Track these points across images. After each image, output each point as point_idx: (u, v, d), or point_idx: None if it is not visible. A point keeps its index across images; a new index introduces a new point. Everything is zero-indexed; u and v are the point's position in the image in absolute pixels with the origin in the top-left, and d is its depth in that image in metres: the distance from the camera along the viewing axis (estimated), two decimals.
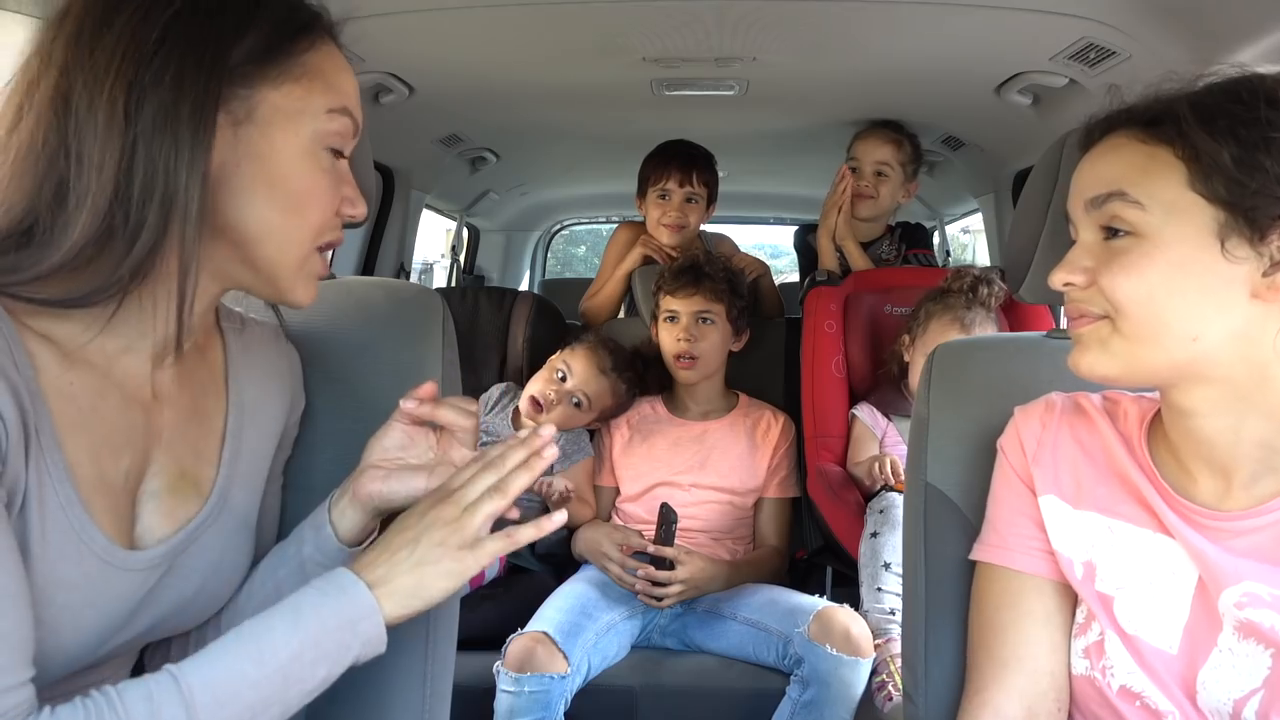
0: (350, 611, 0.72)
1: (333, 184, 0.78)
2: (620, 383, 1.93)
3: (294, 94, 0.73)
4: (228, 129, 0.71)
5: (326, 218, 0.78)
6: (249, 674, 0.68)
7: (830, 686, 1.53)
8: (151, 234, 0.67)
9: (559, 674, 1.51)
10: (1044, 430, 0.92)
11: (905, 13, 1.59)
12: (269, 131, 0.73)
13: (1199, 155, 0.73)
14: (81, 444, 0.70)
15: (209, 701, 0.66)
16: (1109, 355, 0.78)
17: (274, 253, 0.75)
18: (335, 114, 0.76)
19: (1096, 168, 0.80)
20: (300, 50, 0.74)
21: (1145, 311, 0.75)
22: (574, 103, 2.26)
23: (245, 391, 0.86)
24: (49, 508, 0.66)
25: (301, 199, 0.75)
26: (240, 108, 0.71)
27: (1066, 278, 0.80)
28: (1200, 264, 0.73)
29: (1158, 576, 0.83)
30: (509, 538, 0.77)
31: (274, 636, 0.70)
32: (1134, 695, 0.83)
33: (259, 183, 0.73)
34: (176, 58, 0.67)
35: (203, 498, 0.80)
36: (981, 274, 1.88)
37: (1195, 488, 0.82)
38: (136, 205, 0.67)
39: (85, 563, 0.69)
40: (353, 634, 0.72)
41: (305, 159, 0.75)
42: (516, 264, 4.35)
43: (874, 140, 2.25)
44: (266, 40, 0.72)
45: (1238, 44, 1.32)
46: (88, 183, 0.66)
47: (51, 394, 0.68)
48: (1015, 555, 0.91)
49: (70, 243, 0.66)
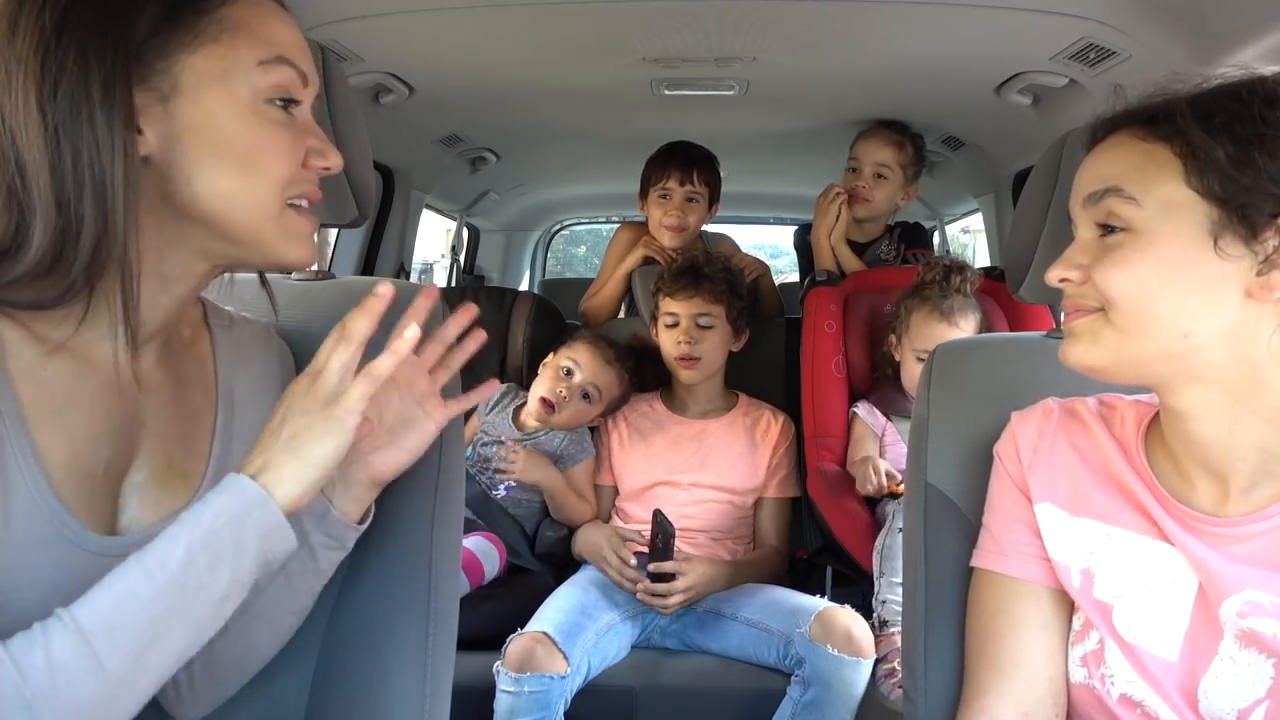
0: (236, 506, 0.69)
1: (291, 136, 0.75)
2: (624, 372, 1.95)
3: (215, 54, 0.71)
4: (157, 106, 0.69)
5: (289, 170, 0.75)
6: (140, 591, 0.65)
7: (831, 687, 1.53)
8: (93, 229, 0.67)
9: (559, 674, 1.51)
10: (1040, 437, 0.92)
11: (905, 13, 1.59)
12: (199, 98, 0.70)
13: (1195, 152, 0.73)
14: (56, 430, 0.69)
15: (101, 627, 0.63)
16: (1099, 346, 0.79)
17: (242, 217, 0.73)
18: (269, 65, 0.73)
19: (1096, 166, 0.81)
20: (212, 7, 0.71)
21: (1136, 305, 0.75)
22: (574, 103, 2.26)
23: (235, 387, 0.86)
24: (15, 492, 0.66)
25: (253, 157, 0.73)
26: (164, 81, 0.69)
27: (1062, 273, 0.81)
28: (1193, 261, 0.73)
29: (1157, 584, 0.83)
30: (369, 375, 0.74)
31: (159, 548, 0.67)
32: (1134, 704, 0.82)
33: (205, 152, 0.71)
34: (77, 42, 0.66)
35: (190, 491, 0.80)
36: (952, 262, 1.88)
37: (1193, 493, 0.82)
38: (74, 202, 0.66)
39: (55, 548, 0.68)
40: (246, 527, 0.69)
41: (247, 116, 0.72)
42: (516, 264, 4.35)
43: (876, 141, 2.24)
44: (168, 3, 0.69)
45: (1238, 44, 1.32)
46: (31, 188, 0.65)
47: (22, 380, 0.68)
48: (1011, 561, 0.91)
49: (31, 251, 0.66)
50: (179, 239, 0.74)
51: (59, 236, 0.66)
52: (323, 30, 1.57)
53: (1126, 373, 0.80)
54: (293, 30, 0.77)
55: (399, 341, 0.76)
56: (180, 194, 0.71)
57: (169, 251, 0.74)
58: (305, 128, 0.78)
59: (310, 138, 0.77)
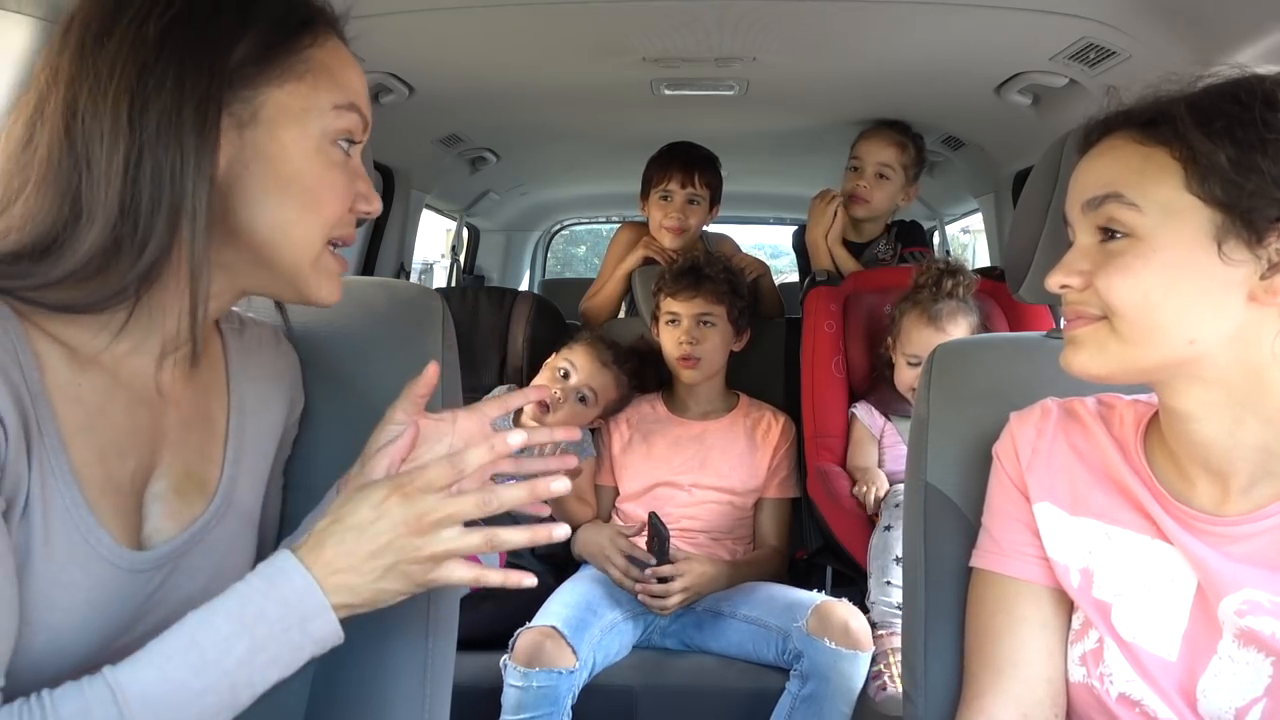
0: (304, 608, 0.69)
1: (346, 179, 0.78)
2: (622, 375, 1.94)
3: (298, 92, 0.73)
4: (233, 131, 0.71)
5: (340, 213, 0.78)
6: (191, 685, 0.65)
7: (830, 680, 1.54)
8: (160, 242, 0.68)
9: (567, 668, 1.51)
10: (1039, 438, 0.92)
11: (905, 13, 1.59)
12: (275, 131, 0.72)
13: (1196, 157, 0.73)
14: (89, 446, 0.70)
15: (148, 717, 0.63)
16: (1104, 355, 0.78)
17: (289, 250, 0.75)
18: (342, 110, 0.76)
19: (1093, 170, 0.80)
20: (302, 47, 0.74)
21: (1140, 314, 0.75)
22: (574, 103, 2.26)
23: (246, 392, 0.87)
24: (54, 511, 0.66)
25: (315, 195, 0.75)
26: (244, 110, 0.71)
27: (1063, 280, 0.80)
28: (1196, 266, 0.73)
29: (1156, 583, 0.83)
30: (489, 540, 0.75)
31: (218, 636, 0.67)
32: (1133, 703, 0.82)
33: (270, 183, 0.73)
34: (176, 63, 0.67)
35: (207, 498, 0.80)
36: (947, 265, 1.88)
37: (1193, 493, 0.82)
38: (145, 214, 0.67)
39: (91, 566, 0.69)
40: (307, 634, 0.69)
41: (315, 156, 0.74)
42: (516, 264, 4.35)
43: (879, 141, 2.24)
44: (266, 38, 0.72)
45: (1238, 44, 1.32)
46: (98, 194, 0.66)
47: (58, 396, 0.68)
48: (1010, 561, 0.91)
49: (80, 253, 0.66)
50: (220, 264, 0.75)
51: (114, 243, 0.67)
52: None
53: (1129, 378, 0.79)
54: (363, 79, 0.80)
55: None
56: (236, 218, 0.73)
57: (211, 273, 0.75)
58: (356, 171, 0.80)
59: (360, 182, 0.80)
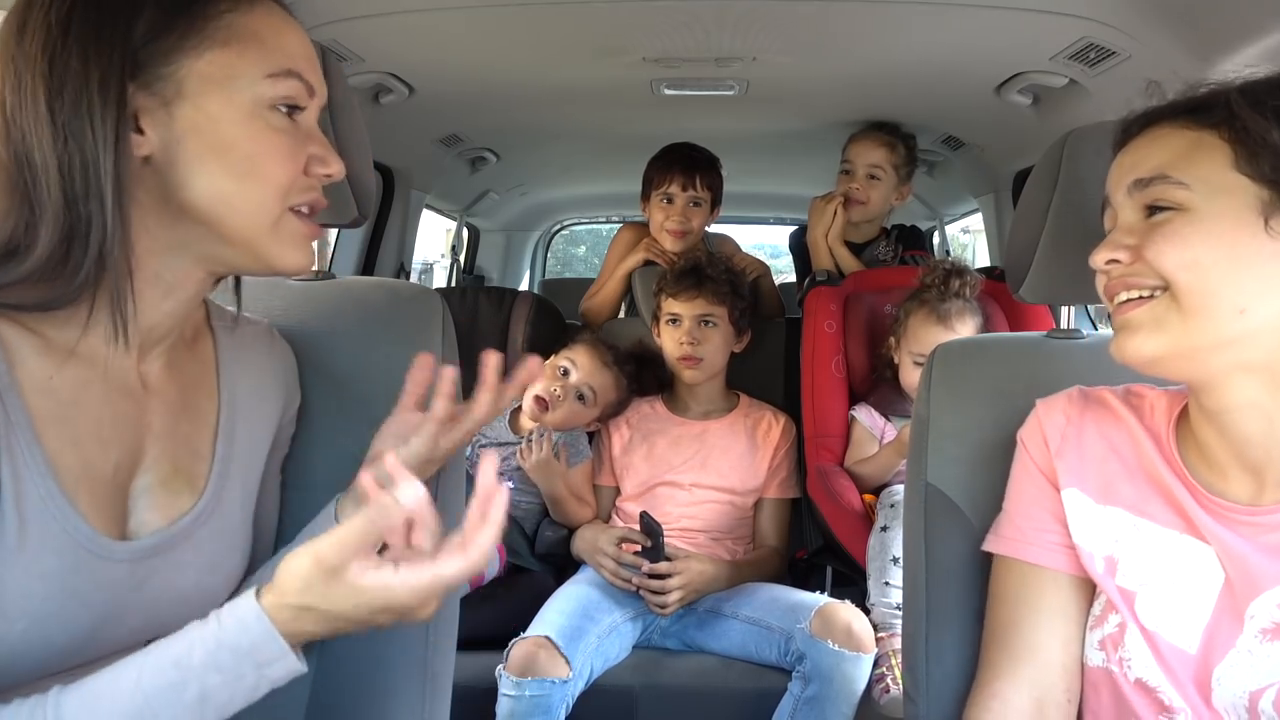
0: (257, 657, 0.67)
1: (293, 143, 0.76)
2: (622, 376, 1.94)
3: (220, 60, 0.71)
4: (160, 110, 0.70)
5: (290, 176, 0.76)
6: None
7: (832, 682, 1.53)
8: (98, 227, 0.68)
9: (560, 678, 1.51)
10: (1068, 424, 0.92)
11: (905, 13, 1.59)
12: (200, 102, 0.71)
13: (1247, 134, 0.74)
14: (63, 437, 0.70)
15: None
16: (1162, 333, 0.77)
17: (241, 220, 0.74)
18: (277, 78, 0.74)
19: (1140, 154, 0.80)
20: (218, 13, 0.72)
21: (1194, 278, 0.75)
22: (574, 103, 2.26)
23: (238, 389, 0.86)
24: (28, 500, 0.67)
25: (254, 163, 0.73)
26: (166, 86, 0.70)
27: (1110, 255, 0.80)
28: (1243, 239, 0.74)
29: (1181, 577, 0.83)
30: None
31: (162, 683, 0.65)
32: (1149, 689, 0.83)
33: (205, 155, 0.72)
34: (80, 44, 0.67)
35: (196, 493, 0.80)
36: (953, 265, 1.88)
37: (1226, 485, 0.82)
38: (80, 200, 0.67)
39: (68, 554, 0.69)
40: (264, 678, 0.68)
41: (249, 122, 0.73)
42: (516, 264, 4.35)
43: (868, 143, 2.25)
44: (168, 5, 0.70)
45: (1238, 44, 1.32)
46: (42, 187, 0.67)
47: (29, 389, 0.68)
48: (1031, 549, 0.91)
49: (40, 250, 0.67)
50: (179, 243, 0.74)
51: (67, 235, 0.67)
52: (323, 30, 1.57)
53: (1178, 365, 0.79)
54: (303, 42, 0.77)
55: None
56: (179, 195, 0.72)
57: (169, 256, 0.75)
58: (308, 134, 0.78)
59: (312, 144, 0.78)
